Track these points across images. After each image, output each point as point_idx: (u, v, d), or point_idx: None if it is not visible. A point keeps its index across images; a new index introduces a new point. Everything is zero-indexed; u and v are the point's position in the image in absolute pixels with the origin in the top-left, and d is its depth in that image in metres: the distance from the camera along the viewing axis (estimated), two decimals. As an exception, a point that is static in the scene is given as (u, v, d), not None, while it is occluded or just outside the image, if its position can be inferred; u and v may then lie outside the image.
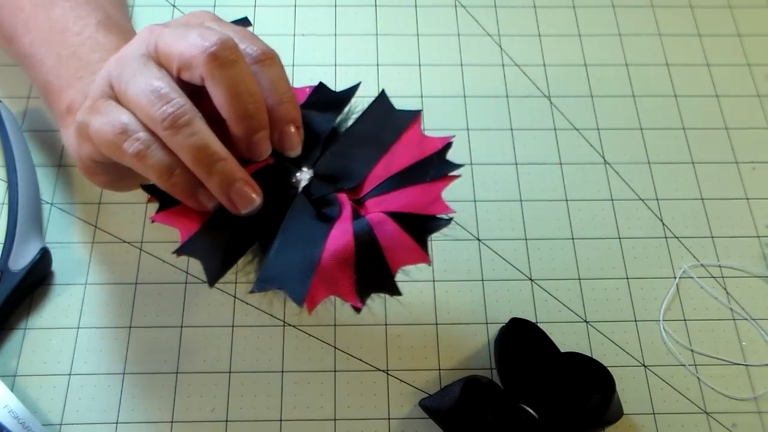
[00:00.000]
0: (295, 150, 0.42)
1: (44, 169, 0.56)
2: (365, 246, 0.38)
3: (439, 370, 0.50)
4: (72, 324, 0.50)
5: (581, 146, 0.59)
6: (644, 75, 0.63)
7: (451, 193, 0.56)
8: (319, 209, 0.41)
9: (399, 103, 0.60)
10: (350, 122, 0.45)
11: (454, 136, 0.43)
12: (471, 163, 0.58)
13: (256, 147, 0.40)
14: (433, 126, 0.59)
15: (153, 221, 0.40)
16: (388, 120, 0.44)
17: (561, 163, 0.58)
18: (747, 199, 0.58)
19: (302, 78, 0.61)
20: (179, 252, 0.39)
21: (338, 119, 0.44)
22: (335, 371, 0.49)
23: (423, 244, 0.39)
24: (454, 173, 0.41)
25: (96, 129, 0.40)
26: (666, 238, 0.56)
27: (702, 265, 0.55)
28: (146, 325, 0.50)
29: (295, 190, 0.42)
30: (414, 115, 0.44)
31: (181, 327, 0.50)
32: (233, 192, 0.39)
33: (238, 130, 0.39)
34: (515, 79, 0.62)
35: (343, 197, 0.42)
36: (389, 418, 0.48)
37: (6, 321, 0.50)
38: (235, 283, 0.51)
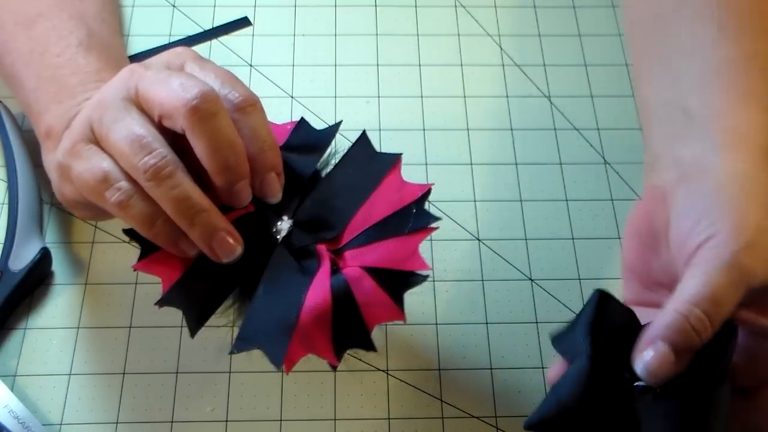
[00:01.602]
0: (276, 197, 0.42)
1: (44, 169, 0.55)
2: (342, 303, 0.39)
3: (439, 370, 0.50)
4: (72, 324, 0.50)
5: (581, 146, 0.59)
6: (644, 75, 0.63)
7: (452, 192, 0.57)
8: (299, 259, 0.41)
9: (399, 103, 0.61)
10: (331, 164, 0.45)
11: (433, 184, 0.43)
12: (471, 163, 0.58)
13: (236, 196, 0.40)
14: (433, 126, 0.59)
15: (135, 269, 0.41)
16: (368, 164, 0.44)
17: (561, 163, 0.58)
18: (747, 199, 0.58)
19: (302, 78, 0.61)
20: (161, 303, 0.40)
21: (320, 161, 0.44)
22: (335, 371, 0.49)
23: (399, 300, 0.40)
24: (432, 225, 0.42)
25: (77, 174, 0.40)
26: (666, 238, 0.56)
27: (702, 265, 0.55)
28: (146, 325, 0.50)
29: (276, 239, 0.42)
30: (394, 159, 0.44)
31: (181, 327, 0.50)
32: (215, 242, 0.39)
33: (219, 181, 0.39)
34: (515, 79, 0.62)
35: (322, 249, 0.42)
36: (389, 418, 0.48)
37: (6, 321, 0.50)
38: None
